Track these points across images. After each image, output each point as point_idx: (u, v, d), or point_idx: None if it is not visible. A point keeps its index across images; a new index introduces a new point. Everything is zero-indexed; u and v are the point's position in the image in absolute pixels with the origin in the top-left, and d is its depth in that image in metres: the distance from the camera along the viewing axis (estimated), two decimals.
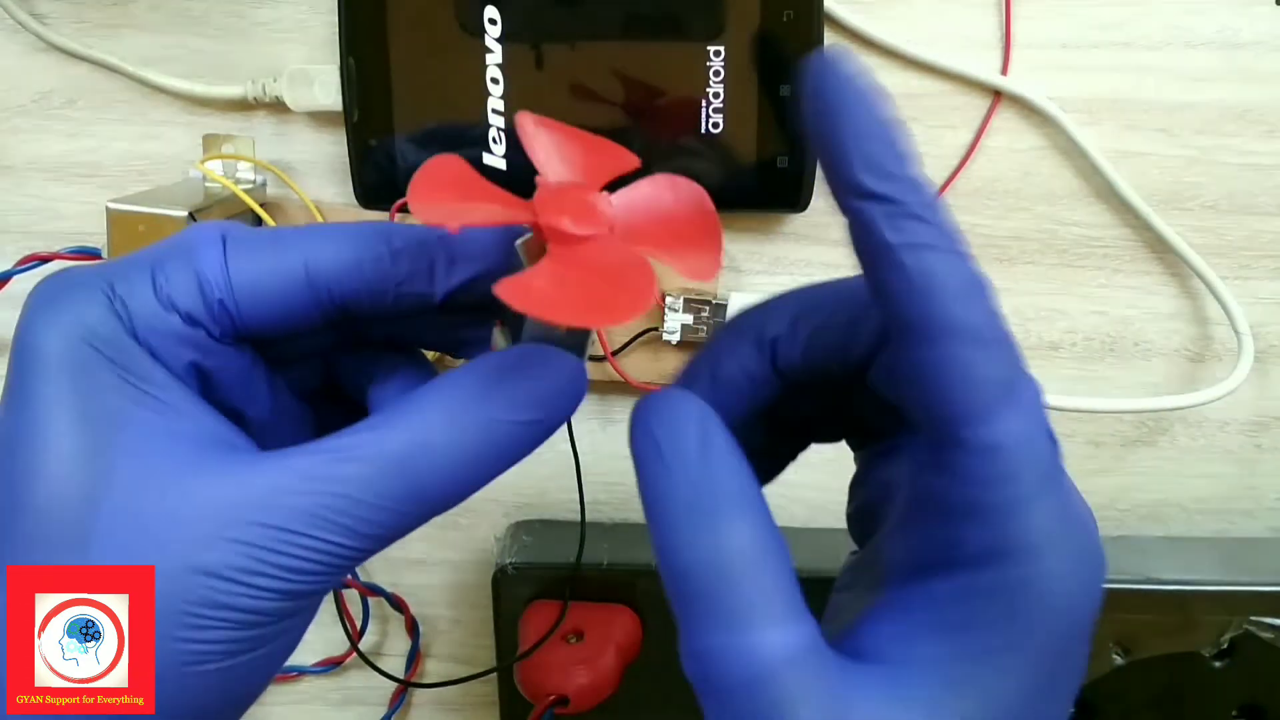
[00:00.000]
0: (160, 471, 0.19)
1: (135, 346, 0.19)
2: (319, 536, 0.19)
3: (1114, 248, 0.40)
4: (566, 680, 0.37)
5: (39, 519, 0.19)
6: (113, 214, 0.35)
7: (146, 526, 0.18)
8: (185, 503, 0.19)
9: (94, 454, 0.19)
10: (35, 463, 0.19)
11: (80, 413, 0.19)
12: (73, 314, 0.19)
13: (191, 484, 0.19)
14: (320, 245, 0.21)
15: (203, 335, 0.20)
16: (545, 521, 0.44)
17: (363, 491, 0.19)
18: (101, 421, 0.19)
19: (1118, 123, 0.39)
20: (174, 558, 0.18)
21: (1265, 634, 0.38)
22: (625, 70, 0.38)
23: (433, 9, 0.37)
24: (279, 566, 0.19)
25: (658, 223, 0.21)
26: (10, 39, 0.40)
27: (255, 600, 0.19)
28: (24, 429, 0.19)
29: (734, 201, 0.39)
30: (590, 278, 0.19)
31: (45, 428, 0.19)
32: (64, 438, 0.19)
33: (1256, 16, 0.38)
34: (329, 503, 0.19)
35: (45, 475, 0.19)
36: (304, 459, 0.19)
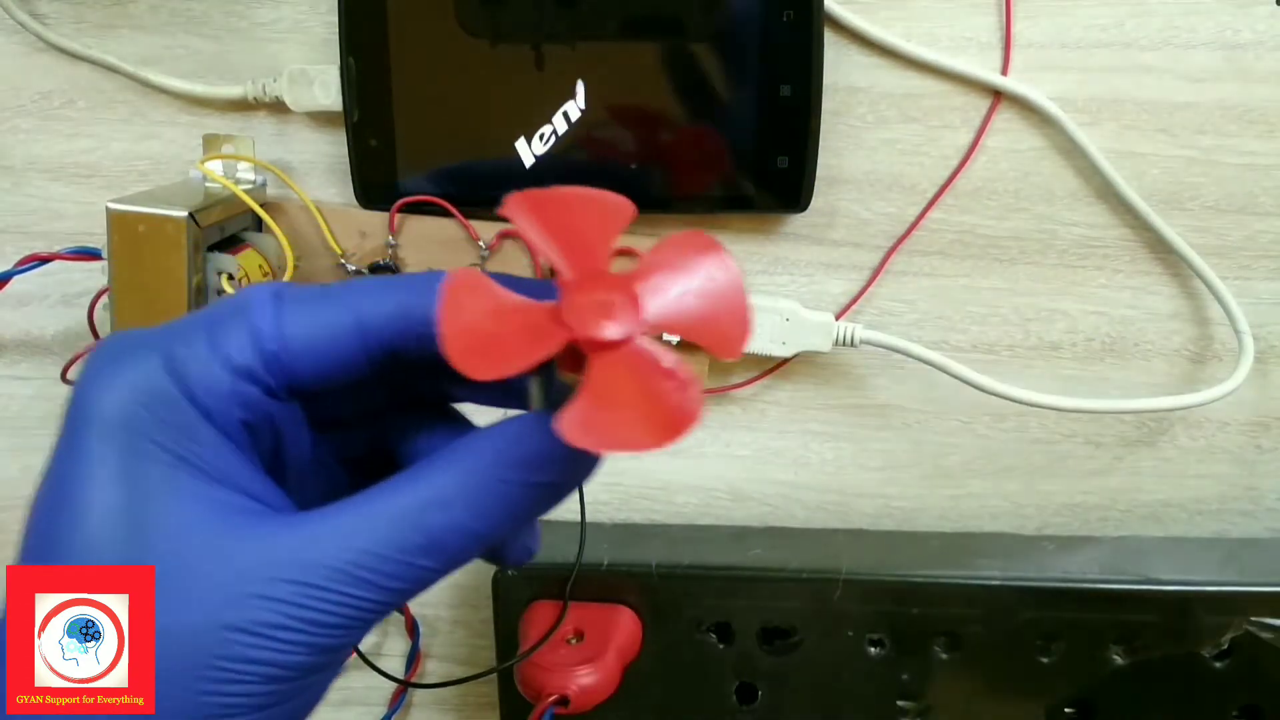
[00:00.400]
0: (196, 534, 0.20)
1: (189, 408, 0.20)
2: (344, 591, 0.20)
3: (1114, 248, 0.40)
4: (566, 680, 0.37)
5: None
6: (113, 214, 0.35)
7: (178, 586, 0.19)
8: (218, 564, 0.19)
9: (135, 515, 0.19)
10: (78, 518, 0.19)
11: (127, 473, 0.20)
12: (131, 374, 0.20)
13: (225, 546, 0.20)
14: (369, 292, 0.22)
15: (255, 392, 0.21)
16: (545, 522, 0.43)
17: (383, 546, 0.20)
18: (145, 483, 0.20)
19: (1118, 123, 0.39)
20: (205, 615, 0.19)
21: (1266, 635, 0.38)
22: (624, 70, 0.38)
23: (433, 8, 0.37)
24: (305, 621, 0.19)
25: (685, 301, 0.21)
26: (10, 39, 0.40)
27: (283, 655, 0.19)
28: (71, 484, 0.20)
29: (734, 202, 0.39)
30: (637, 395, 0.19)
31: (91, 486, 0.19)
32: (108, 497, 0.19)
33: (1256, 16, 0.38)
34: (352, 558, 0.20)
35: (86, 531, 0.19)
36: (330, 517, 0.20)
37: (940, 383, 0.41)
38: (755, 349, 0.40)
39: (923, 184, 0.40)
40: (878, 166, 0.40)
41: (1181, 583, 0.38)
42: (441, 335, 0.19)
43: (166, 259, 0.35)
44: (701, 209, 0.39)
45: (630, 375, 0.19)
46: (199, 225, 0.35)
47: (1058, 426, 0.42)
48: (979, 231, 0.40)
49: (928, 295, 0.41)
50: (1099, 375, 0.42)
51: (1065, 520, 0.43)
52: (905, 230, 0.40)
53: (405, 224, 0.40)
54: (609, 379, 0.19)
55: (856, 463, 0.43)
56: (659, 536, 0.42)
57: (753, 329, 0.21)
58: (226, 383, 0.20)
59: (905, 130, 0.39)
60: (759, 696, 0.41)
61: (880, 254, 0.41)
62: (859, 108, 0.39)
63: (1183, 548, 0.42)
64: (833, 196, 0.40)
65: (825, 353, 0.40)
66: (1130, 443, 0.42)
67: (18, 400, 0.44)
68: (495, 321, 0.19)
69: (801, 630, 0.40)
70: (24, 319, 0.43)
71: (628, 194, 0.39)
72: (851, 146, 0.40)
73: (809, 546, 0.42)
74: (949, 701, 0.40)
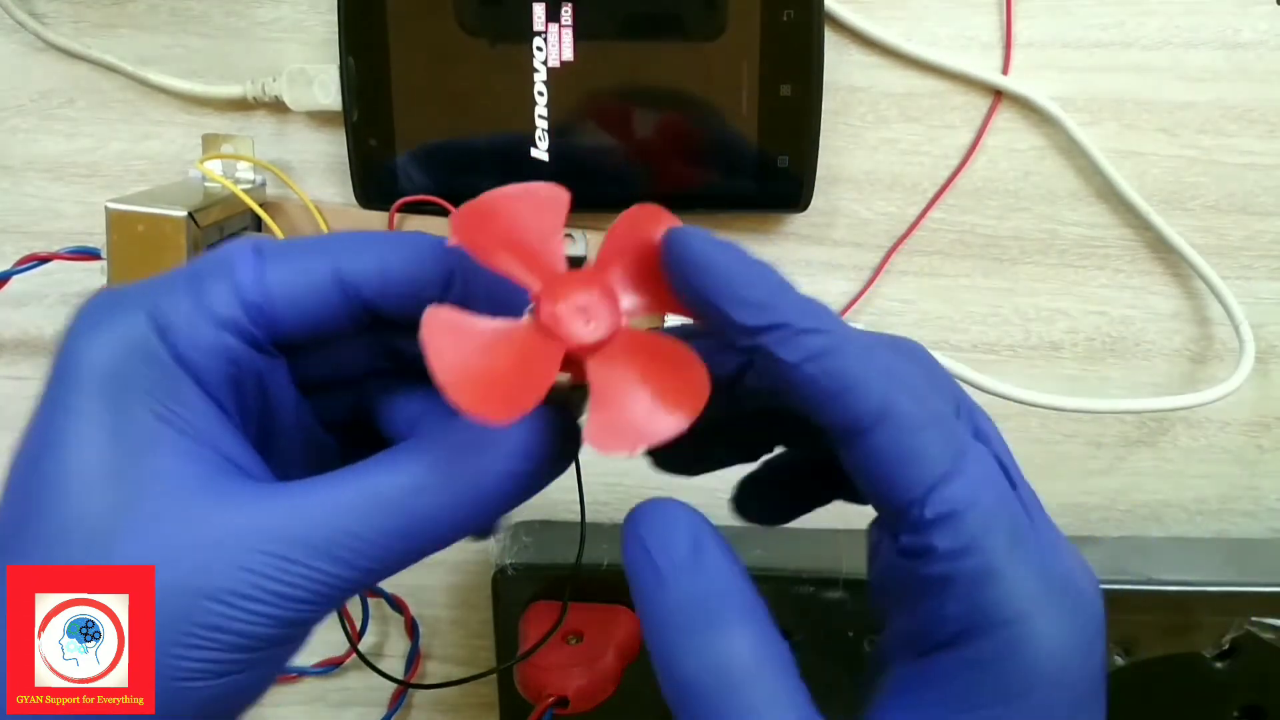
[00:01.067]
0: (178, 495, 0.19)
1: (173, 365, 0.20)
2: (315, 566, 0.19)
3: (1115, 248, 0.40)
4: (566, 681, 0.37)
5: (61, 530, 0.19)
6: (112, 213, 0.35)
7: (161, 547, 0.19)
8: (196, 528, 0.19)
9: (120, 472, 0.19)
10: (61, 474, 0.19)
11: (111, 429, 0.19)
12: (115, 330, 0.20)
13: (205, 510, 0.19)
14: (349, 248, 0.22)
15: (239, 345, 0.21)
16: (545, 522, 0.43)
17: (363, 527, 0.20)
18: (131, 440, 0.19)
19: (1118, 123, 0.39)
20: (179, 578, 0.19)
21: (1267, 635, 0.38)
22: (625, 70, 0.38)
23: (432, 8, 0.37)
24: (275, 594, 0.19)
25: (655, 277, 0.21)
26: (9, 39, 0.40)
27: (250, 625, 0.19)
28: (54, 438, 0.20)
29: (734, 202, 0.39)
30: (643, 384, 0.19)
31: (75, 440, 0.19)
32: (92, 453, 0.19)
33: (1256, 16, 0.38)
34: (330, 535, 0.19)
35: (71, 487, 0.19)
36: (312, 492, 0.20)
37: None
38: None
39: (923, 184, 0.40)
40: (878, 166, 0.40)
41: (1182, 583, 0.38)
42: (440, 386, 0.19)
43: (166, 259, 0.35)
44: (702, 208, 0.39)
45: (629, 367, 0.20)
46: (198, 225, 0.35)
47: (1058, 426, 0.42)
48: (979, 231, 0.40)
49: (928, 295, 0.41)
50: (1100, 375, 0.42)
51: (1066, 520, 0.43)
52: (905, 230, 0.40)
53: (405, 224, 0.40)
54: (611, 378, 0.19)
55: None
56: None
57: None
58: (210, 335, 0.20)
59: (905, 130, 0.39)
60: None
61: (880, 254, 0.41)
62: (859, 107, 0.39)
63: (1183, 548, 0.42)
64: (833, 196, 0.40)
65: None
66: (1131, 443, 0.42)
67: (17, 400, 0.44)
68: (486, 357, 0.19)
69: (801, 630, 0.40)
70: (23, 319, 0.43)
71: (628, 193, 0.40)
72: (851, 146, 0.40)
73: (809, 546, 0.42)
74: None
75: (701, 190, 0.39)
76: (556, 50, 0.37)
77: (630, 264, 0.21)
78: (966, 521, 0.19)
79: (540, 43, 0.37)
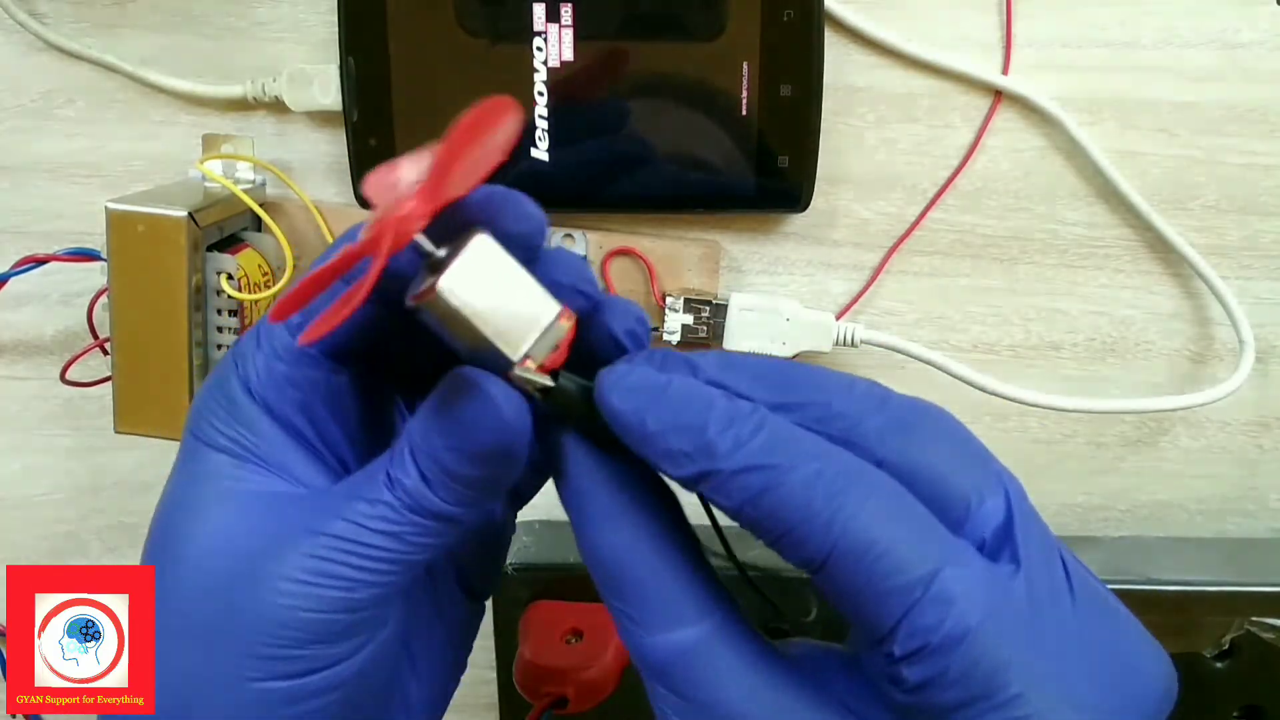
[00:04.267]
0: (235, 526, 0.21)
1: (246, 400, 0.22)
2: (349, 538, 0.21)
3: (1115, 248, 0.40)
4: (566, 680, 0.37)
5: (150, 540, 0.22)
6: (112, 214, 0.35)
7: (208, 552, 0.21)
8: (246, 542, 0.21)
9: (184, 497, 0.22)
10: (161, 501, 0.22)
11: (183, 465, 0.23)
12: (210, 381, 0.23)
13: (250, 522, 0.21)
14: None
15: (295, 370, 0.22)
16: (545, 522, 0.43)
17: (352, 530, 0.21)
18: (196, 470, 0.22)
19: (1118, 122, 0.39)
20: (247, 569, 0.21)
21: (1267, 635, 0.38)
22: (625, 70, 0.38)
23: (432, 8, 0.37)
24: (328, 575, 0.20)
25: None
26: (9, 39, 0.40)
27: (308, 614, 0.20)
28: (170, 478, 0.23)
29: (734, 201, 0.39)
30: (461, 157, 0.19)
31: (173, 476, 0.23)
32: (174, 491, 0.22)
33: (1256, 16, 0.38)
34: (341, 530, 0.21)
35: (159, 510, 0.22)
36: (339, 494, 0.22)
37: (941, 383, 0.41)
38: (755, 348, 0.40)
39: (923, 184, 0.40)
40: (878, 166, 0.40)
41: (1182, 583, 0.38)
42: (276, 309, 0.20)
43: (166, 259, 0.35)
44: (702, 207, 0.39)
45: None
46: (198, 225, 0.35)
47: (1059, 427, 0.42)
48: (979, 231, 0.40)
49: (928, 295, 0.41)
50: (1100, 375, 0.42)
51: (1066, 520, 0.43)
52: (905, 230, 0.40)
53: None
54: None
55: None
56: None
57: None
58: (267, 367, 0.22)
59: (905, 130, 0.39)
60: None
61: (881, 254, 0.41)
62: (859, 108, 0.39)
63: (1183, 548, 0.42)
64: (833, 196, 0.40)
65: (825, 353, 0.40)
66: (1131, 443, 0.42)
67: (17, 400, 0.44)
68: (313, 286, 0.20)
69: (801, 630, 0.40)
70: (23, 319, 0.43)
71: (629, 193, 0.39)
72: (851, 146, 0.40)
73: None
74: None
75: (701, 191, 0.39)
76: (556, 50, 0.37)
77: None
78: (940, 654, 0.18)
79: (540, 43, 0.37)
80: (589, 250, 0.40)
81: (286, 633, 0.20)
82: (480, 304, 0.20)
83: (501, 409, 0.20)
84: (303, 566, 0.20)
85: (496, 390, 0.20)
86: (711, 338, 0.40)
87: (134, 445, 0.36)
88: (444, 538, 0.21)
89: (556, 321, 0.20)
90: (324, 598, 0.20)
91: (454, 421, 0.20)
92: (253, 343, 0.23)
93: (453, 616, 0.26)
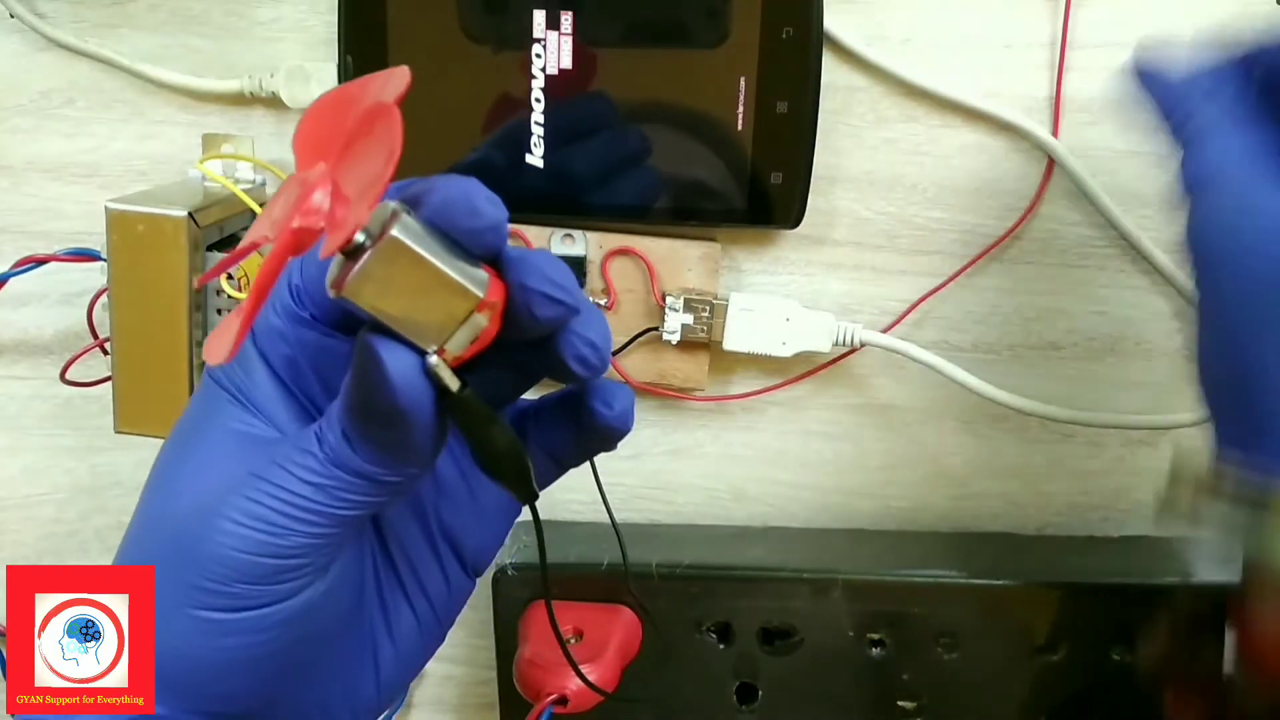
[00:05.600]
0: (212, 459, 0.23)
1: (252, 349, 0.24)
2: (282, 485, 0.22)
3: (1114, 248, 0.40)
4: (566, 680, 0.37)
5: (151, 475, 0.24)
6: (112, 213, 0.35)
7: (192, 486, 0.23)
8: (218, 473, 0.23)
9: (188, 433, 0.24)
10: (168, 438, 0.25)
11: (196, 403, 0.25)
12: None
13: (231, 461, 0.23)
14: None
15: (293, 328, 0.24)
16: (545, 521, 0.43)
17: (303, 472, 0.22)
18: (204, 409, 0.24)
19: (1118, 122, 0.39)
20: (199, 509, 0.22)
21: None
22: (622, 80, 0.38)
23: (435, 14, 0.37)
24: (258, 518, 0.22)
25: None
26: (9, 38, 0.40)
27: (249, 554, 0.22)
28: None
29: (727, 216, 0.39)
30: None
31: (185, 412, 0.25)
32: (182, 421, 0.25)
33: (1256, 17, 0.38)
34: (275, 478, 0.22)
35: (164, 446, 0.25)
36: (285, 445, 0.23)
37: (941, 383, 0.41)
38: (756, 349, 0.40)
39: (923, 184, 0.40)
40: (878, 166, 0.40)
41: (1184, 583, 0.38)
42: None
43: (166, 259, 0.35)
44: (694, 221, 0.39)
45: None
46: (198, 225, 0.35)
47: (1058, 427, 0.42)
48: (979, 231, 0.40)
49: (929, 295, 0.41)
50: (1100, 375, 0.42)
51: (1065, 520, 0.43)
52: (991, 243, 0.40)
53: None
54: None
55: (856, 463, 0.43)
56: (659, 536, 0.42)
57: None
58: (267, 321, 0.24)
59: (905, 130, 0.39)
60: (759, 696, 0.41)
61: (881, 253, 0.41)
62: (859, 107, 0.39)
63: (1184, 547, 0.42)
64: (833, 196, 0.40)
65: (825, 353, 0.40)
66: (1131, 443, 0.42)
67: (16, 400, 0.44)
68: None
69: (801, 630, 0.40)
70: (23, 319, 0.43)
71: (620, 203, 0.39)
72: (851, 146, 0.40)
73: (809, 546, 0.42)
74: (949, 701, 0.40)
75: (695, 204, 0.39)
76: (555, 57, 0.37)
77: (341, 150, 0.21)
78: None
79: (539, 49, 0.37)
80: (589, 250, 0.40)
81: (220, 569, 0.21)
82: (390, 300, 0.20)
83: (389, 375, 0.20)
84: (239, 508, 0.22)
85: (389, 355, 0.20)
86: (711, 337, 0.40)
87: (134, 445, 0.36)
88: (375, 496, 0.22)
89: (472, 316, 0.21)
90: (252, 539, 0.21)
91: (355, 382, 0.21)
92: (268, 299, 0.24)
93: (440, 586, 0.27)
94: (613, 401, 0.24)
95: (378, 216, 0.20)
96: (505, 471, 0.23)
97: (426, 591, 0.27)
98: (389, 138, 0.20)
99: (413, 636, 0.27)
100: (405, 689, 0.44)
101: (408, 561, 0.26)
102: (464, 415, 0.22)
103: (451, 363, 0.21)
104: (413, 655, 0.27)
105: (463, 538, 0.27)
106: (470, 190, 0.21)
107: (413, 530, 0.26)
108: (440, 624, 0.27)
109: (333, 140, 0.20)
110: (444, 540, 0.27)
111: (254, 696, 0.23)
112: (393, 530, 0.26)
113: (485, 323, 0.21)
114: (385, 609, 0.26)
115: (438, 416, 0.21)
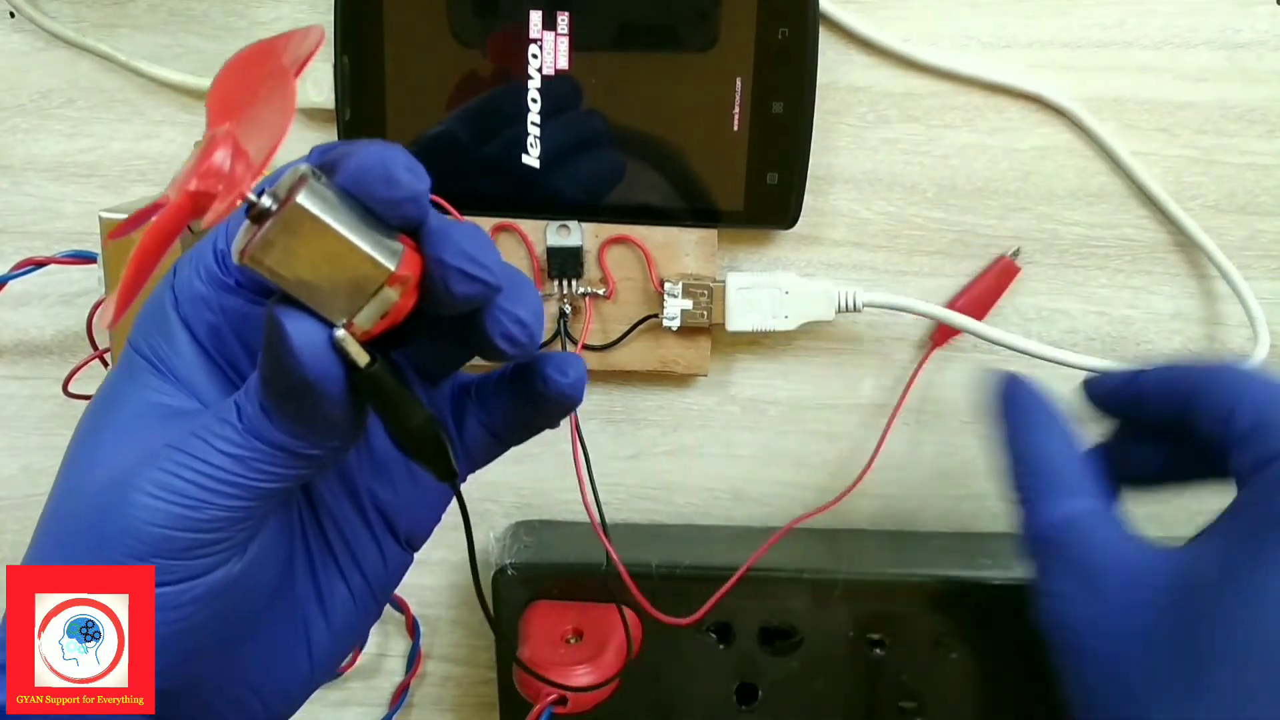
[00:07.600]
0: (130, 432, 0.23)
1: (173, 316, 0.23)
2: (199, 456, 0.21)
3: (1115, 247, 0.40)
4: (566, 680, 0.37)
5: (70, 445, 0.23)
6: (106, 223, 0.35)
7: (110, 455, 0.22)
8: (134, 444, 0.22)
9: (108, 401, 0.23)
10: (88, 405, 0.24)
11: (118, 369, 0.24)
12: (155, 292, 0.24)
13: (147, 431, 0.22)
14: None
15: (212, 291, 0.23)
16: (545, 521, 0.43)
17: (220, 443, 0.21)
18: (125, 376, 0.23)
19: (1118, 122, 0.39)
20: (116, 477, 0.22)
21: None
22: (618, 81, 0.38)
23: (427, 17, 0.37)
24: (170, 489, 0.21)
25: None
26: (9, 37, 0.40)
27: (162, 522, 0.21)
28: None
29: (722, 217, 0.39)
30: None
31: (104, 381, 0.24)
32: (101, 390, 0.24)
33: (1256, 16, 0.38)
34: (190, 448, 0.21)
35: (84, 414, 0.24)
36: (203, 417, 0.22)
37: (941, 383, 0.41)
38: (758, 325, 0.39)
39: (923, 184, 0.40)
40: (878, 166, 0.40)
41: None
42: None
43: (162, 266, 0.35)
44: (689, 222, 0.39)
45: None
46: (191, 230, 0.35)
47: None
48: (979, 231, 0.40)
49: (929, 294, 0.41)
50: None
51: None
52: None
53: None
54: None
55: (856, 463, 0.43)
56: (659, 536, 0.42)
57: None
58: (196, 289, 0.23)
59: (905, 130, 0.39)
60: (759, 696, 0.41)
61: (881, 253, 0.41)
62: (859, 107, 0.39)
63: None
64: (832, 196, 0.40)
65: (829, 320, 0.40)
66: None
67: (16, 400, 0.44)
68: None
69: (801, 630, 0.40)
70: (22, 319, 0.43)
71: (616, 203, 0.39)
72: (851, 146, 0.40)
73: (809, 546, 0.42)
74: (949, 701, 0.40)
75: (689, 205, 0.39)
76: (552, 59, 0.37)
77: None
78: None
79: (535, 50, 0.37)
80: (584, 240, 0.40)
81: (133, 544, 0.21)
82: (294, 269, 0.19)
83: (294, 348, 0.20)
84: (153, 480, 0.21)
85: (294, 327, 0.20)
86: (712, 321, 0.39)
87: None
88: (294, 469, 0.22)
89: (383, 290, 0.20)
90: (167, 512, 0.21)
91: (265, 354, 0.20)
92: (187, 257, 0.23)
93: (376, 561, 0.26)
94: (567, 369, 0.24)
95: (287, 181, 0.19)
96: (420, 449, 0.22)
97: (361, 566, 0.26)
98: (284, 101, 0.19)
99: (347, 611, 0.26)
100: (340, 664, 0.44)
101: (341, 536, 0.26)
102: (374, 391, 0.21)
103: (361, 337, 0.20)
104: (347, 630, 0.26)
105: (398, 514, 0.26)
106: (388, 157, 0.20)
107: (345, 505, 0.26)
108: (376, 598, 0.27)
109: (241, 100, 0.20)
110: (378, 515, 0.26)
111: (172, 675, 0.22)
112: (325, 505, 0.26)
113: (396, 297, 0.20)
114: (317, 584, 0.25)
115: (352, 391, 0.21)
